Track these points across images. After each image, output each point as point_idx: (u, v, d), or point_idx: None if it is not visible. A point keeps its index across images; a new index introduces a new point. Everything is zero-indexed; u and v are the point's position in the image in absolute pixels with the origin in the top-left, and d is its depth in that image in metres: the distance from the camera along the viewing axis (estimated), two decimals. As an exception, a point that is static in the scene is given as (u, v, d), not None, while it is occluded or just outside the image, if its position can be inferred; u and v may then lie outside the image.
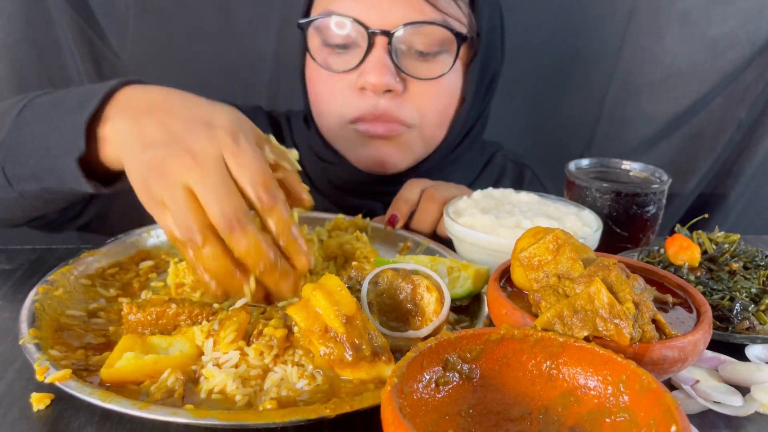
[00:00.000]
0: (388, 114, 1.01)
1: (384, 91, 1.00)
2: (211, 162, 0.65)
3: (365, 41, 0.98)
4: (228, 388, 0.56)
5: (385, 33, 0.97)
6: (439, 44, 1.01)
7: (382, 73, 0.97)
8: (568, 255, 0.57)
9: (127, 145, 0.70)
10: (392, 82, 0.98)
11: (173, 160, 0.66)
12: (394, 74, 0.99)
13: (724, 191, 1.59)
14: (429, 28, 0.99)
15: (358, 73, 1.00)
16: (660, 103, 1.55)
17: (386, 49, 0.98)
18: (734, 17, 1.46)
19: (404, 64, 1.00)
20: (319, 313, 0.57)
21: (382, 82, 0.97)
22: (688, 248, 0.80)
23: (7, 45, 1.38)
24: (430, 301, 0.63)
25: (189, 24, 1.45)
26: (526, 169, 1.33)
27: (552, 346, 0.51)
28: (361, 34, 0.98)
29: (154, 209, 0.68)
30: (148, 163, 0.67)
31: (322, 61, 1.03)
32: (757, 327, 0.72)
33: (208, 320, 0.64)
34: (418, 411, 0.47)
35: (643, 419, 0.45)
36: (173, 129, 0.68)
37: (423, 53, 1.01)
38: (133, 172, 0.69)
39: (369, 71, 0.98)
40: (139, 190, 0.68)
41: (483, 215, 0.85)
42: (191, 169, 0.65)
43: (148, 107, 0.72)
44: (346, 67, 1.01)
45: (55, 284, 0.73)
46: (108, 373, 0.57)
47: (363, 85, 0.99)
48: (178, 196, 0.65)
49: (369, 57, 0.99)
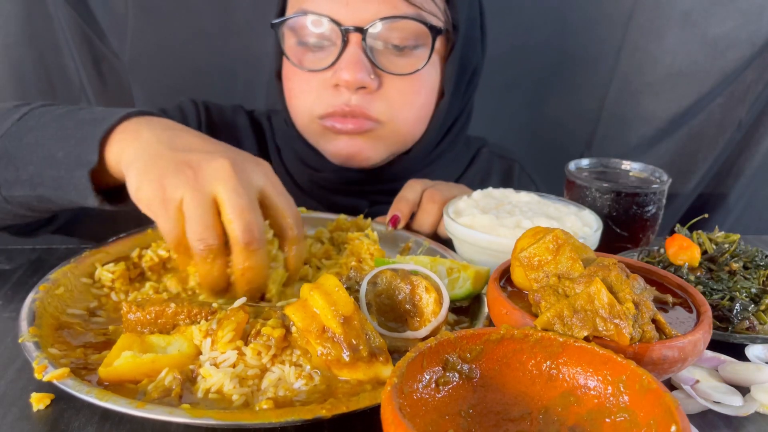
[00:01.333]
0: (358, 111, 1.01)
1: (357, 87, 0.99)
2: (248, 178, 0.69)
3: (339, 39, 0.98)
4: (225, 388, 0.56)
5: (359, 30, 0.97)
6: (415, 38, 1.01)
7: (355, 70, 0.97)
8: (568, 255, 0.57)
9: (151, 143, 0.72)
10: (366, 78, 0.98)
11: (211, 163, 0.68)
12: (369, 71, 0.99)
13: (724, 191, 1.60)
14: (403, 22, 0.98)
15: (333, 71, 1.00)
16: (660, 103, 1.55)
17: (360, 46, 0.98)
18: (734, 17, 1.46)
19: (380, 60, 1.00)
20: (316, 314, 0.57)
21: (356, 78, 0.97)
22: (688, 248, 0.80)
23: (7, 45, 1.38)
24: (429, 301, 0.63)
25: (189, 24, 1.45)
26: (514, 164, 1.32)
27: (552, 346, 0.51)
28: (335, 31, 0.98)
29: (161, 208, 0.68)
30: (179, 161, 0.69)
31: (298, 61, 1.03)
32: (757, 327, 0.72)
33: (206, 319, 0.64)
34: (418, 411, 0.47)
35: (643, 419, 0.45)
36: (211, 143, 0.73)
37: (399, 48, 1.00)
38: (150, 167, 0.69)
39: (343, 68, 0.98)
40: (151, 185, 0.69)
41: (483, 215, 0.85)
42: (228, 178, 0.67)
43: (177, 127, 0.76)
44: (321, 66, 1.01)
45: (57, 283, 0.73)
46: (106, 372, 0.57)
47: (337, 82, 0.99)
48: (203, 201, 0.67)
49: (344, 54, 0.98)
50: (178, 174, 0.68)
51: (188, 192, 0.67)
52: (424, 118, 1.09)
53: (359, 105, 1.01)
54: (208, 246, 0.67)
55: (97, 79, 1.45)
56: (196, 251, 0.67)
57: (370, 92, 1.01)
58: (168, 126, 0.77)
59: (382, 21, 0.97)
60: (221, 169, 0.68)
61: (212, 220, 0.67)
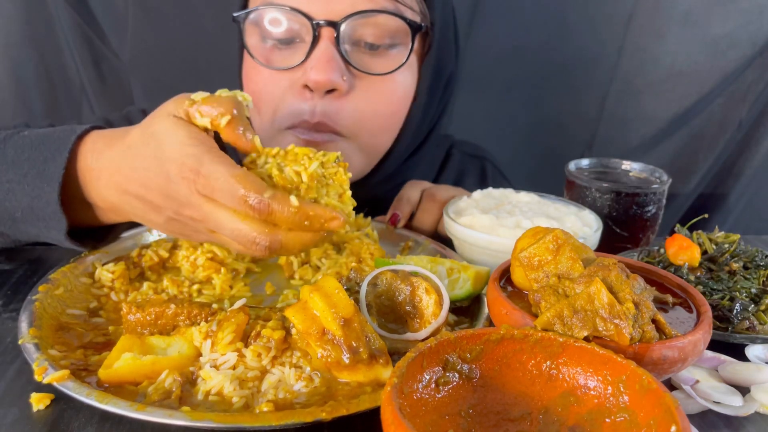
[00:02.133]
0: (324, 123, 0.92)
1: (327, 90, 0.90)
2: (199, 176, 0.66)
3: (310, 34, 0.88)
4: (225, 390, 0.56)
5: (332, 24, 0.87)
6: (391, 36, 0.91)
7: (327, 69, 0.87)
8: (568, 255, 0.57)
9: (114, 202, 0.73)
10: (338, 79, 0.88)
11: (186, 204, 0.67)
12: (342, 70, 0.89)
13: (724, 191, 1.60)
14: (380, 17, 0.89)
15: (303, 70, 0.90)
16: (660, 103, 1.55)
17: (333, 42, 0.88)
18: (734, 17, 1.46)
19: (354, 59, 0.91)
20: (316, 316, 0.57)
21: (327, 79, 0.87)
22: (688, 248, 0.80)
23: (7, 45, 1.39)
24: (429, 303, 0.63)
25: (189, 24, 1.45)
26: (486, 163, 1.27)
27: (552, 346, 0.51)
28: (305, 26, 0.88)
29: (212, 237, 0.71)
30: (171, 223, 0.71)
31: (263, 59, 0.93)
32: (757, 327, 0.72)
33: (206, 321, 0.64)
34: (418, 411, 0.47)
35: (643, 419, 0.45)
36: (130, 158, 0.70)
37: (373, 46, 0.91)
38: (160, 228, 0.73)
39: (313, 67, 0.87)
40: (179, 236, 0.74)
41: (483, 215, 0.85)
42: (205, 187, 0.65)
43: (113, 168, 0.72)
44: (289, 64, 0.91)
45: (57, 283, 0.73)
46: (106, 374, 0.57)
47: (306, 82, 0.89)
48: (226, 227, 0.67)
49: (314, 51, 0.88)
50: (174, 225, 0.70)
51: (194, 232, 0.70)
52: (393, 128, 1.01)
53: (326, 114, 0.91)
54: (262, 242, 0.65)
55: (98, 79, 1.46)
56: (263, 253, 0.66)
57: (339, 96, 0.91)
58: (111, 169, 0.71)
59: (358, 15, 0.87)
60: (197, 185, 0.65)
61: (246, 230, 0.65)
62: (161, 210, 0.69)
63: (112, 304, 0.75)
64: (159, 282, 0.79)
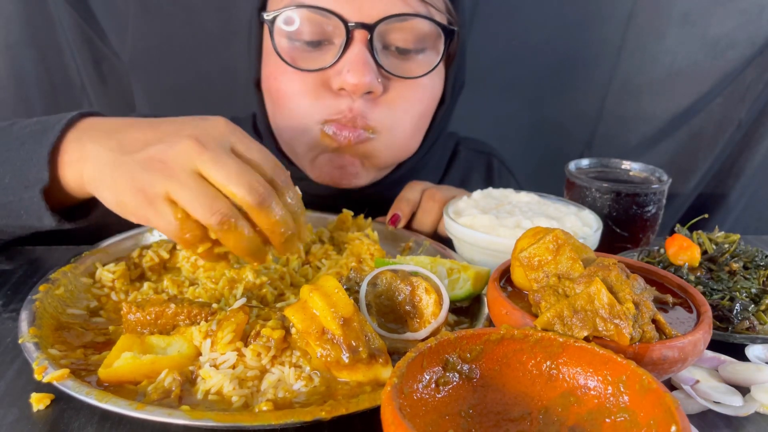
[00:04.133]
0: (360, 120, 0.92)
1: (364, 92, 0.90)
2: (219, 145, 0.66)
3: (342, 36, 0.88)
4: (225, 389, 0.56)
5: (366, 26, 0.87)
6: (421, 40, 0.92)
7: (363, 72, 0.87)
8: (568, 255, 0.57)
9: (103, 157, 0.68)
10: (374, 82, 0.88)
11: (175, 149, 0.65)
12: (377, 73, 0.89)
13: (724, 191, 1.59)
14: (413, 21, 0.89)
15: (334, 72, 0.90)
16: (660, 103, 1.55)
17: (366, 45, 0.88)
18: (734, 17, 1.46)
19: (384, 62, 0.91)
20: (316, 315, 0.57)
21: (364, 81, 0.87)
22: (688, 248, 0.80)
23: (7, 45, 1.38)
24: (429, 303, 0.63)
25: (189, 24, 1.45)
26: (492, 158, 1.27)
27: (552, 346, 0.51)
28: (338, 28, 0.88)
29: (149, 210, 0.66)
30: (141, 162, 0.66)
31: (290, 59, 0.92)
32: (757, 327, 0.72)
33: (206, 320, 0.64)
34: (418, 411, 0.47)
35: (643, 419, 0.45)
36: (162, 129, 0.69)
37: (402, 51, 0.92)
38: (118, 178, 0.67)
39: (349, 70, 0.87)
40: (128, 194, 0.66)
41: (483, 215, 0.85)
42: (201, 153, 0.64)
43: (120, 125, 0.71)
44: (318, 66, 0.90)
45: (57, 283, 0.73)
46: (106, 373, 0.57)
47: (341, 85, 0.89)
48: (191, 181, 0.64)
49: (346, 54, 0.88)
50: (149, 172, 0.65)
51: (171, 181, 0.64)
52: (421, 130, 1.02)
53: (361, 111, 0.91)
54: (224, 215, 0.64)
55: (98, 79, 1.46)
56: (216, 226, 0.64)
57: (373, 97, 0.92)
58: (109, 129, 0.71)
59: (393, 18, 0.87)
60: (189, 149, 0.65)
61: (212, 191, 0.64)
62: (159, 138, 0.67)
63: (113, 304, 0.75)
64: (159, 282, 0.79)
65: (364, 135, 0.94)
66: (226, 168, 0.65)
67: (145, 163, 0.66)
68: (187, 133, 0.67)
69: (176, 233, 0.66)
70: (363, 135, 0.94)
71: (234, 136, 0.69)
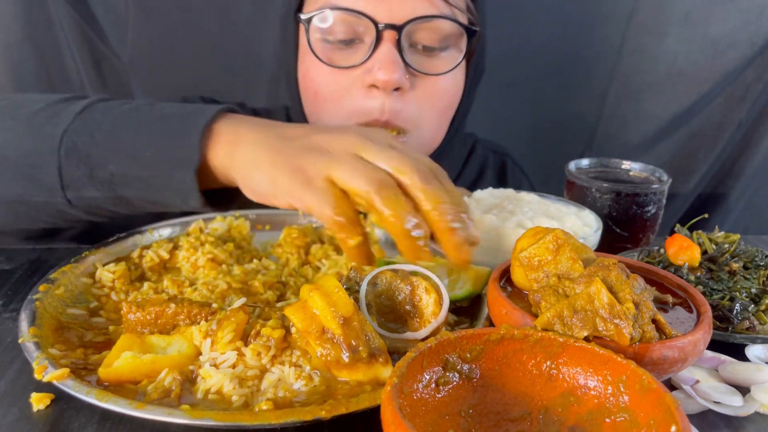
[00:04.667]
0: (393, 119, 0.98)
1: (393, 88, 0.96)
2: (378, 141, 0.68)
3: (372, 36, 0.95)
4: (225, 389, 0.56)
5: (394, 27, 0.93)
6: (446, 39, 0.98)
7: (392, 69, 0.93)
8: (568, 255, 0.57)
9: (261, 140, 0.70)
10: (402, 78, 0.95)
11: (341, 138, 0.67)
12: (404, 70, 0.96)
13: (724, 191, 1.60)
14: (438, 22, 0.96)
15: (365, 69, 0.96)
16: (660, 102, 1.55)
17: (395, 44, 0.94)
18: (734, 17, 1.46)
19: (411, 60, 0.97)
20: (316, 314, 0.57)
21: (393, 78, 0.93)
22: (688, 248, 0.80)
23: (7, 45, 1.38)
24: (429, 302, 0.63)
25: (189, 24, 1.45)
26: (506, 158, 1.32)
27: (552, 346, 0.51)
28: (369, 28, 0.95)
29: (306, 189, 0.65)
30: (303, 146, 0.68)
31: (325, 57, 0.99)
32: (757, 327, 0.72)
33: (206, 320, 0.64)
34: (418, 411, 0.47)
35: (643, 419, 0.45)
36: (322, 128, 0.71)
37: (428, 48, 0.98)
38: (276, 159, 0.68)
39: (379, 68, 0.94)
40: (286, 173, 0.67)
41: (484, 215, 0.85)
42: (363, 144, 0.66)
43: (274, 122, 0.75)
44: (350, 63, 0.97)
45: (57, 282, 0.73)
46: (106, 373, 0.57)
47: (372, 82, 0.95)
48: (353, 159, 0.65)
49: (376, 53, 0.95)
50: (312, 153, 0.66)
51: (333, 162, 0.65)
52: (446, 123, 1.08)
53: (393, 110, 0.97)
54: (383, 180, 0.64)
55: (98, 79, 1.46)
56: (375, 190, 0.63)
57: (402, 94, 0.97)
58: (265, 123, 0.74)
59: (419, 19, 0.94)
60: (353, 139, 0.67)
61: (372, 165, 0.65)
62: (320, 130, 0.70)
63: (113, 304, 0.75)
64: (159, 282, 0.79)
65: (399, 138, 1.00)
66: (389, 153, 0.66)
67: (309, 147, 0.68)
68: (352, 129, 0.70)
69: (330, 213, 0.65)
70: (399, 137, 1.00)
71: (394, 141, 0.71)
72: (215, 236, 0.86)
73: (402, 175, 0.65)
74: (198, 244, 0.83)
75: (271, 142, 0.70)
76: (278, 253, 0.89)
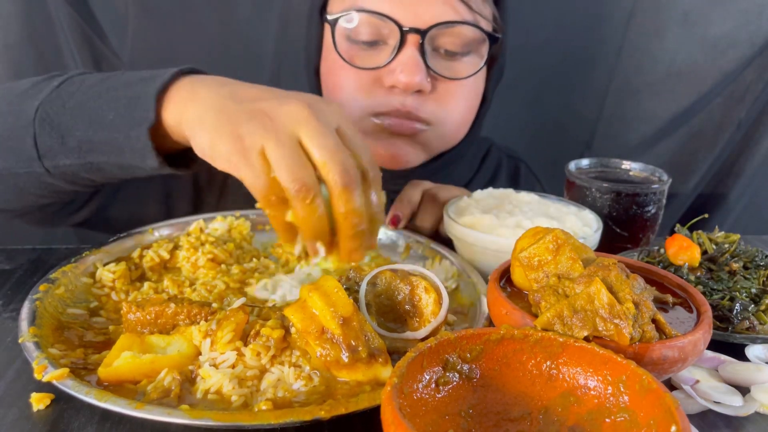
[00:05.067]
0: (412, 113, 1.00)
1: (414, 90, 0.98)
2: (326, 121, 0.66)
3: (396, 39, 0.96)
4: (224, 389, 0.56)
5: (418, 31, 0.95)
6: (467, 45, 1.00)
7: (414, 72, 0.95)
8: (568, 255, 0.57)
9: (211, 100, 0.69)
10: (424, 81, 0.97)
11: (284, 108, 0.65)
12: (425, 74, 0.98)
13: (724, 191, 1.59)
14: (461, 28, 0.98)
15: (387, 70, 0.98)
16: (660, 102, 1.55)
17: (418, 48, 0.96)
18: (734, 17, 1.46)
19: (433, 64, 0.99)
20: (315, 315, 0.57)
21: (414, 81, 0.95)
22: (688, 248, 0.80)
23: (7, 45, 1.38)
24: (428, 302, 0.63)
25: (189, 24, 1.45)
26: (520, 163, 1.34)
27: (552, 346, 0.51)
28: (393, 31, 0.96)
29: (242, 159, 0.65)
30: (248, 111, 0.66)
31: (348, 58, 1.01)
32: (757, 327, 0.72)
33: (206, 320, 0.64)
34: (418, 411, 0.47)
35: (643, 419, 0.45)
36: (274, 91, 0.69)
37: (451, 53, 1.00)
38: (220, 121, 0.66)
39: (401, 70, 0.96)
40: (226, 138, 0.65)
41: (483, 215, 0.85)
42: (308, 121, 0.64)
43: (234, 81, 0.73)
44: (373, 65, 0.99)
45: (57, 282, 0.73)
46: (105, 372, 0.57)
47: (394, 83, 0.97)
48: (288, 144, 0.63)
49: (399, 56, 0.97)
50: (253, 122, 0.65)
51: (270, 137, 0.64)
52: (468, 122, 1.10)
53: (413, 107, 0.99)
54: (305, 185, 0.63)
55: (97, 79, 1.45)
56: (293, 193, 0.63)
57: (423, 94, 1.00)
58: (223, 81, 0.73)
59: (443, 25, 0.96)
60: (298, 112, 0.65)
61: (304, 159, 0.64)
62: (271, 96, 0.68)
63: (113, 304, 0.75)
64: (159, 282, 0.79)
65: (418, 126, 1.02)
66: (325, 141, 0.64)
67: (252, 113, 0.66)
68: (302, 98, 0.67)
69: (262, 190, 0.65)
70: (417, 126, 1.02)
71: (344, 120, 0.69)
72: (215, 236, 0.86)
73: (326, 173, 0.64)
74: (198, 244, 0.83)
75: (220, 102, 0.68)
76: (278, 253, 0.89)
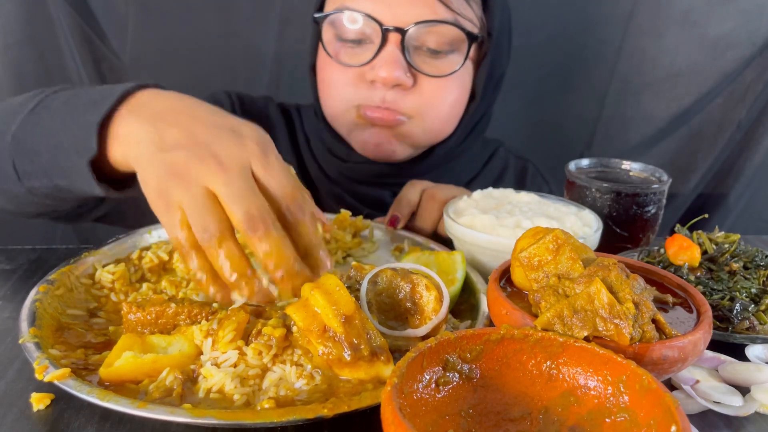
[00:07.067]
0: (392, 107, 1.05)
1: (393, 85, 1.03)
2: (237, 167, 0.66)
3: (378, 37, 1.01)
4: (226, 388, 0.56)
5: (399, 30, 1.00)
6: (450, 43, 1.04)
7: (393, 68, 1.00)
8: (568, 255, 0.57)
9: (143, 146, 0.69)
10: (402, 77, 1.01)
11: (197, 163, 0.66)
12: (406, 70, 1.02)
13: (724, 191, 1.60)
14: (441, 27, 1.02)
15: (370, 67, 1.03)
16: (660, 103, 1.55)
17: (399, 46, 1.01)
18: (734, 17, 1.46)
19: (416, 61, 1.04)
20: (317, 313, 0.57)
21: (393, 76, 1.01)
22: (688, 248, 0.80)
23: (7, 45, 1.38)
24: (429, 299, 0.63)
25: (189, 24, 1.45)
26: (528, 164, 1.35)
27: (552, 346, 0.51)
28: (375, 30, 1.02)
29: (166, 214, 0.66)
30: (168, 165, 0.66)
31: (335, 54, 1.07)
32: (757, 327, 0.72)
33: (207, 320, 0.64)
34: (418, 411, 0.47)
35: (643, 419, 0.45)
36: (197, 133, 0.68)
37: (434, 51, 1.04)
38: (149, 173, 0.67)
39: (381, 66, 1.01)
40: (153, 192, 0.67)
41: (483, 215, 0.85)
42: (216, 173, 0.65)
43: (169, 110, 0.72)
44: (358, 62, 1.04)
45: (56, 283, 0.73)
46: (107, 372, 0.57)
47: (374, 78, 1.03)
48: (198, 196, 0.64)
49: (381, 53, 1.02)
50: (170, 179, 0.66)
51: (183, 193, 0.65)
52: (455, 117, 1.13)
53: (393, 101, 1.04)
54: (209, 233, 0.64)
55: (98, 79, 1.46)
56: (201, 242, 0.64)
57: (404, 89, 1.04)
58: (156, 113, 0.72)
59: (421, 24, 1.00)
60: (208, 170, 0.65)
61: (210, 208, 0.64)
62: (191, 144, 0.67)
63: (112, 305, 0.75)
64: (158, 283, 0.79)
65: (399, 118, 1.06)
66: (231, 189, 0.65)
67: (171, 167, 0.66)
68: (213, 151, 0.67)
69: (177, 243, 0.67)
70: (397, 118, 1.06)
71: (258, 159, 0.68)
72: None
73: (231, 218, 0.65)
74: (198, 245, 0.83)
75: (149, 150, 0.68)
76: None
